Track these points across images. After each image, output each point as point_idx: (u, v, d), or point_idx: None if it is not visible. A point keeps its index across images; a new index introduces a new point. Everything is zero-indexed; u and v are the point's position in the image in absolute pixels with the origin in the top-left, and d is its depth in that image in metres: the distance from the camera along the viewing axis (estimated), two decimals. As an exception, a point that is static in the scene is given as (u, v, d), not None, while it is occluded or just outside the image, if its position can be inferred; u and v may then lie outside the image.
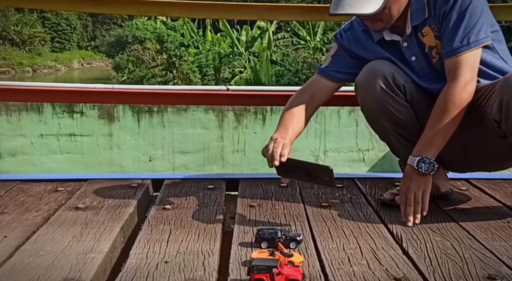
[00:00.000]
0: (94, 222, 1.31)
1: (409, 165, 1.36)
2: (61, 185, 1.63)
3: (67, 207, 1.44)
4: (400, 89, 1.47)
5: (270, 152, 1.34)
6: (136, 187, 1.63)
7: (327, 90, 1.57)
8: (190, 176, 1.77)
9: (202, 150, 4.19)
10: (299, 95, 1.57)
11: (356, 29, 1.54)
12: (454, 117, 1.34)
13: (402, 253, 1.17)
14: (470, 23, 1.35)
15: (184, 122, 4.13)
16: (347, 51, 1.55)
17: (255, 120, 4.30)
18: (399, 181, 1.71)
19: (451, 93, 1.35)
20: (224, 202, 1.54)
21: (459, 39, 1.35)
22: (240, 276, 1.04)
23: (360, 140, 4.42)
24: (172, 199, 1.54)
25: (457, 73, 1.35)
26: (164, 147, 4.12)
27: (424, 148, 1.35)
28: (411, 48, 1.46)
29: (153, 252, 1.14)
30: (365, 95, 1.52)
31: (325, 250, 1.18)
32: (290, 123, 1.47)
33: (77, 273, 1.01)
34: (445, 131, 1.35)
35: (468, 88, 1.35)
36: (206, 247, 1.18)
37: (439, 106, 1.36)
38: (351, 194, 1.63)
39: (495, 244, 1.23)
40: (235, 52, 19.88)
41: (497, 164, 1.55)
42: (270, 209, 1.48)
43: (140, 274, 1.03)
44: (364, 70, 1.51)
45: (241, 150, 4.25)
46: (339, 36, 1.58)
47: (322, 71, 1.58)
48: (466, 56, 1.36)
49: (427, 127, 1.36)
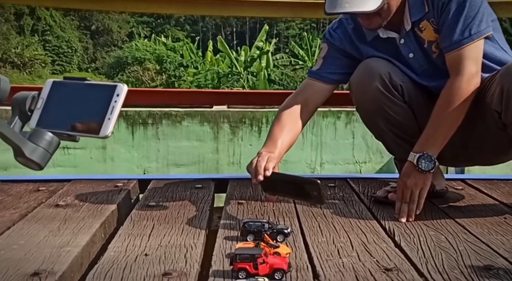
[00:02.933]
0: (74, 218, 1.26)
1: (408, 162, 1.30)
2: (43, 185, 1.58)
3: (47, 204, 1.39)
4: (397, 89, 1.42)
5: (254, 166, 1.25)
6: (121, 187, 1.58)
7: (321, 93, 1.49)
8: (178, 177, 1.72)
9: (197, 162, 4.14)
10: (290, 101, 1.48)
11: (346, 27, 1.48)
12: (458, 113, 1.28)
13: (394, 246, 1.12)
14: (470, 13, 1.29)
15: (179, 134, 4.10)
16: (339, 51, 1.49)
17: (251, 132, 4.27)
18: (392, 180, 1.68)
19: (455, 87, 1.28)
20: (212, 201, 1.49)
21: (460, 31, 1.29)
22: (223, 267, 0.98)
23: (356, 152, 4.39)
24: (158, 197, 1.49)
25: (461, 67, 1.29)
26: (159, 159, 4.08)
27: (426, 144, 1.29)
28: (408, 44, 1.40)
29: (133, 245, 1.09)
30: (360, 96, 1.46)
31: (314, 244, 1.13)
32: (279, 135, 1.39)
33: (50, 266, 0.95)
34: (449, 127, 1.29)
35: (473, 81, 1.29)
36: (189, 241, 1.13)
37: (442, 101, 1.30)
38: (343, 193, 1.59)
39: (492, 238, 1.18)
40: (233, 72, 20.06)
41: (497, 157, 1.50)
42: (259, 206, 1.43)
43: (117, 266, 0.98)
44: (360, 69, 1.44)
45: (236, 162, 4.20)
46: (329, 36, 1.50)
47: (314, 74, 1.50)
48: (468, 48, 1.29)
49: (430, 123, 1.30)
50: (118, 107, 0.73)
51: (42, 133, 0.73)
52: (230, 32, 47.64)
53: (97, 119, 0.72)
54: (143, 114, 4.01)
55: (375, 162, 4.43)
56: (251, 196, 1.53)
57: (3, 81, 0.71)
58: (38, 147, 0.72)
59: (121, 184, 1.60)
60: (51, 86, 0.77)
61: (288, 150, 1.41)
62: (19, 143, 0.72)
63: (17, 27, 33.86)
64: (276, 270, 0.94)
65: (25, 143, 0.72)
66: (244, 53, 21.57)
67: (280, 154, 1.35)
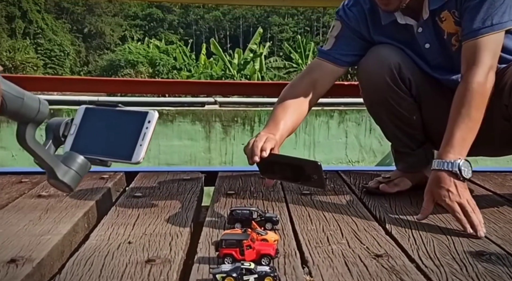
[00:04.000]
0: (56, 208, 1.22)
1: (446, 171, 1.12)
2: (27, 177, 1.54)
3: (29, 195, 1.35)
4: (405, 82, 1.35)
5: (250, 147, 1.16)
6: (107, 178, 1.54)
7: (330, 75, 1.38)
8: (166, 169, 1.69)
9: (189, 162, 4.10)
10: (297, 82, 1.38)
11: (363, 6, 1.36)
12: (480, 109, 1.16)
13: (385, 234, 1.10)
14: (494, 3, 1.19)
15: (170, 133, 4.06)
16: (353, 31, 1.37)
17: (243, 131, 4.24)
18: (384, 172, 1.66)
19: (473, 81, 1.16)
20: (201, 192, 1.46)
21: (481, 20, 1.19)
22: (209, 254, 0.95)
23: (349, 151, 4.38)
24: (145, 188, 1.46)
25: (477, 57, 1.18)
26: (150, 159, 4.03)
27: (457, 148, 1.14)
28: (426, 34, 1.31)
29: (117, 234, 1.06)
30: (366, 83, 1.39)
31: (303, 231, 1.10)
32: (282, 117, 1.28)
33: (28, 253, 0.92)
34: (474, 126, 1.16)
35: (490, 76, 1.18)
36: (175, 230, 1.09)
37: (462, 99, 1.16)
38: (334, 184, 1.56)
39: (484, 226, 1.16)
40: (227, 75, 20.04)
41: (503, 149, 1.44)
42: (248, 196, 1.40)
43: (98, 253, 0.94)
44: (370, 55, 1.36)
45: (228, 161, 4.17)
46: (343, 14, 1.38)
47: (325, 54, 1.38)
48: (487, 38, 1.19)
49: (453, 124, 1.15)
50: (150, 133, 0.75)
51: (75, 156, 0.75)
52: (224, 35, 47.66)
53: (129, 145, 0.74)
54: (133, 112, 3.95)
55: (368, 162, 4.42)
56: (240, 187, 1.50)
57: (43, 105, 0.72)
58: (70, 170, 0.74)
59: (107, 176, 1.56)
60: (84, 112, 0.78)
61: (291, 134, 1.31)
62: (53, 164, 0.73)
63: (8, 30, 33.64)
64: (263, 255, 0.91)
65: (59, 165, 0.73)
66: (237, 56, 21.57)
67: (282, 136, 1.25)
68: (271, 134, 1.21)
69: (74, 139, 0.76)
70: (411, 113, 1.39)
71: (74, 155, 0.75)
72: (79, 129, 0.77)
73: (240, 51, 22.04)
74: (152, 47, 24.52)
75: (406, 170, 1.45)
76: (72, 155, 0.75)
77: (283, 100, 1.33)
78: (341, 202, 1.35)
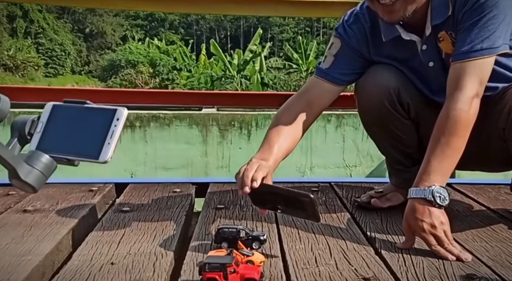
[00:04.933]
0: (40, 225, 1.20)
1: (419, 199, 1.08)
2: (14, 189, 1.51)
3: (14, 210, 1.33)
4: (403, 106, 1.32)
5: (241, 176, 1.10)
6: (96, 191, 1.52)
7: (328, 94, 1.33)
8: (157, 180, 1.67)
9: (186, 166, 4.08)
10: (293, 102, 1.32)
11: (363, 24, 1.31)
12: (461, 136, 1.10)
13: (375, 253, 1.07)
14: (488, 26, 1.13)
15: (167, 137, 4.04)
16: (353, 50, 1.32)
17: (240, 135, 4.22)
18: (377, 185, 1.64)
19: (456, 109, 1.10)
20: (190, 206, 1.44)
21: (471, 43, 1.13)
22: (193, 276, 0.93)
23: (347, 155, 4.35)
24: (133, 202, 1.44)
25: (461, 83, 1.12)
26: (147, 163, 4.01)
27: (433, 176, 1.09)
28: (430, 51, 1.25)
29: (100, 253, 1.03)
30: (364, 105, 1.36)
31: (291, 251, 1.08)
32: (276, 140, 1.22)
33: (6, 276, 0.89)
34: (452, 153, 1.11)
35: (474, 103, 1.11)
36: (160, 248, 1.07)
37: (442, 126, 1.11)
38: (326, 197, 1.54)
39: (475, 245, 1.14)
40: (227, 75, 20.03)
41: (498, 166, 1.40)
42: (237, 211, 1.37)
43: (79, 276, 0.92)
44: (369, 77, 1.32)
45: (225, 165, 4.15)
46: (342, 31, 1.33)
47: (323, 73, 1.33)
48: (474, 63, 1.13)
49: (430, 152, 1.10)
50: (118, 131, 0.71)
51: (39, 156, 0.71)
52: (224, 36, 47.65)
53: (97, 144, 0.71)
54: (130, 116, 3.94)
55: (366, 166, 4.40)
56: (230, 200, 1.48)
57: (3, 101, 0.68)
58: (34, 170, 0.70)
59: (96, 188, 1.54)
60: (51, 109, 0.75)
61: (285, 157, 1.25)
62: (15, 164, 0.69)
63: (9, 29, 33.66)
64: (247, 280, 0.89)
65: (21, 165, 0.69)
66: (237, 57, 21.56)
67: (276, 161, 1.19)
68: (263, 161, 1.16)
69: (40, 137, 0.73)
70: (408, 134, 1.37)
71: (39, 154, 0.71)
72: (46, 127, 0.73)
73: (240, 52, 22.03)
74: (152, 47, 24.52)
75: (400, 186, 1.43)
76: (37, 154, 0.71)
77: (278, 122, 1.28)
78: (332, 218, 1.33)
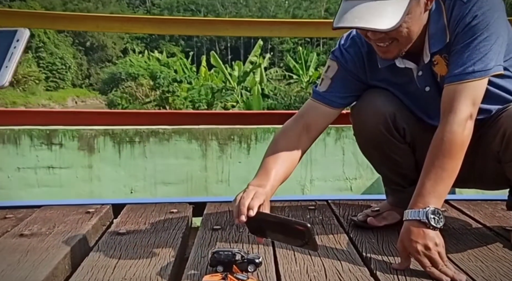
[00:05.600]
0: (37, 249, 1.20)
1: (414, 221, 1.08)
2: (12, 212, 1.52)
3: (11, 234, 1.33)
4: (399, 131, 1.33)
5: (237, 204, 1.09)
6: (93, 212, 1.53)
7: (325, 117, 1.33)
8: (154, 200, 1.67)
9: (185, 180, 4.09)
10: (290, 126, 1.31)
11: (361, 48, 1.31)
12: (456, 158, 1.11)
13: (370, 275, 1.08)
14: (480, 48, 1.13)
15: (166, 152, 4.05)
16: (350, 73, 1.32)
17: (240, 149, 4.23)
18: (374, 202, 1.64)
19: (449, 131, 1.11)
20: (187, 227, 1.44)
21: (463, 65, 1.13)
22: (187, 303, 0.93)
23: (346, 168, 4.35)
24: (130, 224, 1.44)
25: (455, 105, 1.12)
26: (146, 178, 4.02)
27: (427, 198, 1.09)
28: (425, 77, 1.25)
29: (95, 279, 1.04)
30: (360, 131, 1.36)
31: (287, 273, 1.08)
32: (273, 165, 1.21)
33: (2, 304, 0.90)
34: (447, 175, 1.11)
35: (468, 124, 1.12)
36: (156, 273, 1.08)
37: (436, 149, 1.12)
38: (323, 216, 1.54)
39: (471, 265, 1.14)
40: (227, 87, 20.10)
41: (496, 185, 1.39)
42: (233, 232, 1.38)
43: (74, 303, 0.92)
44: (365, 102, 1.32)
45: (225, 180, 4.15)
46: (339, 54, 1.33)
47: (320, 96, 1.33)
48: (467, 85, 1.12)
49: (425, 175, 1.11)
50: (18, 54, 0.68)
51: None
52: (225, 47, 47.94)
53: None
54: (129, 132, 3.96)
55: (366, 179, 4.39)
56: (227, 221, 1.49)
57: None
58: None
59: (93, 210, 1.55)
60: None
61: (283, 182, 1.24)
62: None
63: (11, 44, 33.85)
64: (241, 306, 0.89)
65: None
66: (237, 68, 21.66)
67: (273, 187, 1.19)
68: (260, 188, 1.15)
69: None
70: (404, 158, 1.37)
71: None
72: None
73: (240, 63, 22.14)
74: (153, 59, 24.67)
75: (397, 205, 1.43)
76: None
77: (275, 147, 1.27)
78: (328, 238, 1.33)
